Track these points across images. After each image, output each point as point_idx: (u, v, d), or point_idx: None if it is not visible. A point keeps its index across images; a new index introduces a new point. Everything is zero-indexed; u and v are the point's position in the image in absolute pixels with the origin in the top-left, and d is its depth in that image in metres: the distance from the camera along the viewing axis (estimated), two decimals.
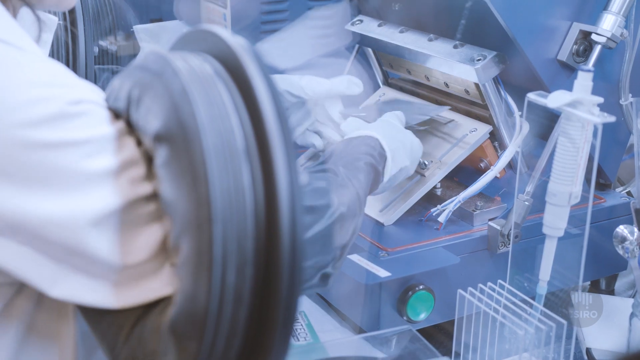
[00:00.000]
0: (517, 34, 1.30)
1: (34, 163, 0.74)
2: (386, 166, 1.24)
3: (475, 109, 1.45)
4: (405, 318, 1.28)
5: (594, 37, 1.32)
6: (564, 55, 1.34)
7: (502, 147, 1.42)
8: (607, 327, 1.32)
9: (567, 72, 1.36)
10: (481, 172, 1.42)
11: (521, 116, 1.39)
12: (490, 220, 1.38)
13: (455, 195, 1.39)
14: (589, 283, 1.53)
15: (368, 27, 1.56)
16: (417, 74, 1.55)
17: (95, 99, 0.80)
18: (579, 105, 1.03)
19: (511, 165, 1.44)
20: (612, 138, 1.44)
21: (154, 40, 1.64)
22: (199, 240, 0.73)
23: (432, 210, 1.39)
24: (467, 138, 1.42)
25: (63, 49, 1.43)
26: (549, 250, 1.13)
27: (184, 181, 0.74)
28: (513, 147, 1.39)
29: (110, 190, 0.76)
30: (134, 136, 0.80)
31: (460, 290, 1.18)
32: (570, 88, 1.05)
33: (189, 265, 0.74)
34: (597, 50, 1.33)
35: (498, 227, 1.33)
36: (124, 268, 0.77)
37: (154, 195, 0.78)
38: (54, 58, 1.37)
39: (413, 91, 1.58)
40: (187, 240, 0.74)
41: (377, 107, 1.52)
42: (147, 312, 0.79)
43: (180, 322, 0.75)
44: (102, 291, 0.78)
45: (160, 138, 0.76)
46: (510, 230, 1.30)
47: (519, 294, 1.15)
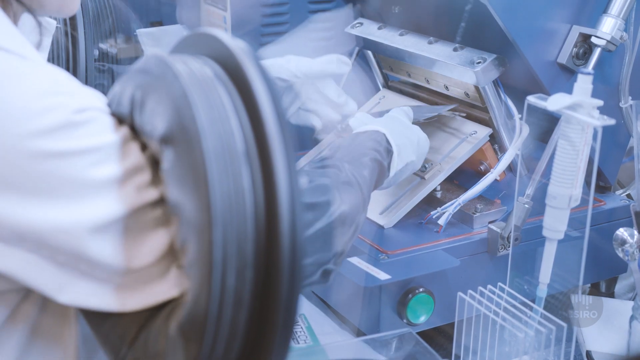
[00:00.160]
0: (517, 37, 1.30)
1: (40, 173, 0.74)
2: (392, 161, 1.24)
3: (475, 112, 1.45)
4: (405, 321, 1.28)
5: (593, 40, 1.33)
6: (563, 58, 1.34)
7: (502, 149, 1.42)
8: (607, 329, 1.32)
9: (566, 74, 1.36)
10: (481, 174, 1.42)
11: (521, 119, 1.39)
12: (490, 222, 1.38)
13: (455, 197, 1.39)
14: (589, 286, 1.53)
15: (368, 29, 1.56)
16: (417, 77, 1.55)
17: (99, 106, 0.80)
18: (579, 108, 1.03)
19: (511, 168, 1.44)
20: (612, 141, 1.44)
21: (156, 44, 1.64)
22: (200, 243, 0.73)
23: (432, 212, 1.39)
24: (467, 141, 1.42)
25: (63, 52, 1.43)
26: (549, 252, 1.13)
27: (186, 184, 0.74)
28: (513, 150, 1.39)
29: (114, 198, 0.76)
30: (139, 141, 0.80)
31: (460, 293, 1.18)
32: (570, 91, 1.05)
33: (193, 268, 0.74)
34: (597, 53, 1.33)
35: (498, 230, 1.33)
36: (130, 272, 0.77)
37: (160, 200, 0.78)
38: (54, 61, 1.38)
39: (413, 94, 1.58)
40: (191, 242, 0.74)
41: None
42: (154, 315, 0.79)
43: (186, 324, 0.75)
44: (109, 295, 0.78)
45: (164, 141, 0.76)
46: (510, 232, 1.30)
47: (519, 296, 1.15)
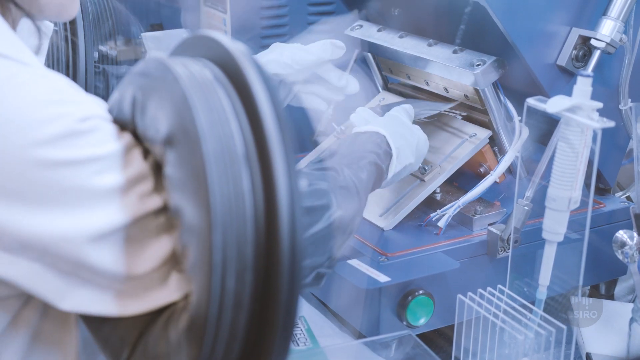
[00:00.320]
0: (517, 39, 1.30)
1: (44, 182, 0.74)
2: (391, 164, 1.24)
3: (475, 114, 1.45)
4: (405, 323, 1.28)
5: (593, 42, 1.33)
6: (563, 61, 1.34)
7: (502, 152, 1.42)
8: (606, 332, 1.32)
9: (566, 77, 1.36)
10: (481, 177, 1.42)
11: (520, 121, 1.39)
12: (489, 225, 1.38)
13: (454, 200, 1.39)
14: (588, 288, 1.53)
15: (367, 32, 1.56)
16: (417, 79, 1.55)
17: (102, 114, 0.80)
18: (578, 111, 1.03)
19: (511, 170, 1.44)
20: (612, 143, 1.44)
21: (161, 48, 1.64)
22: (200, 246, 0.73)
23: (431, 215, 1.39)
24: (466, 143, 1.42)
25: (63, 54, 1.43)
26: (549, 255, 1.13)
27: (187, 186, 0.75)
28: (512, 152, 1.39)
29: (117, 207, 0.76)
30: (142, 147, 0.80)
31: (459, 295, 1.18)
32: (569, 93, 1.05)
33: (193, 271, 0.74)
34: (597, 55, 1.33)
35: (498, 232, 1.33)
36: (132, 279, 0.78)
37: (164, 208, 0.78)
38: (54, 63, 1.38)
39: (413, 96, 1.58)
40: (191, 245, 0.74)
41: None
42: (154, 319, 0.79)
43: (187, 327, 0.75)
44: (110, 301, 0.78)
45: (166, 145, 0.76)
46: (510, 235, 1.30)
47: (518, 298, 1.15)
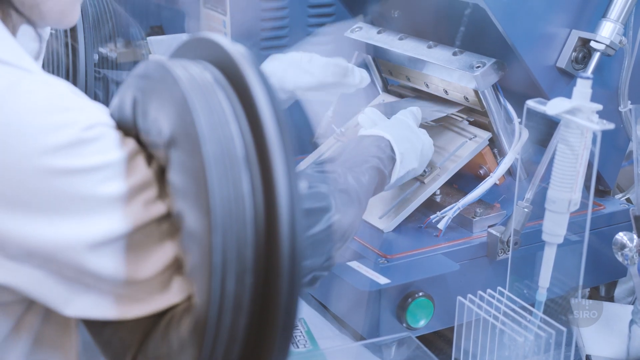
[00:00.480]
0: (516, 41, 1.30)
1: (49, 190, 0.74)
2: (394, 168, 1.24)
3: (475, 116, 1.45)
4: (404, 325, 1.28)
5: (592, 44, 1.33)
6: (563, 63, 1.34)
7: (502, 153, 1.42)
8: (606, 334, 1.32)
9: (566, 79, 1.36)
10: (481, 178, 1.42)
11: (520, 123, 1.39)
12: (489, 227, 1.38)
13: (454, 202, 1.39)
14: (588, 290, 1.53)
15: (367, 34, 1.56)
16: (417, 81, 1.55)
17: (106, 121, 0.80)
18: (578, 113, 1.03)
19: (510, 172, 1.44)
20: (611, 145, 1.44)
21: (165, 52, 1.64)
22: (200, 248, 0.73)
23: (431, 217, 1.39)
24: (466, 145, 1.42)
25: (63, 56, 1.43)
26: (549, 257, 1.13)
27: (187, 189, 0.75)
28: (512, 154, 1.39)
29: (121, 214, 0.76)
30: (145, 153, 0.80)
31: (459, 297, 1.18)
32: (569, 95, 1.05)
33: (193, 273, 0.74)
34: (596, 57, 1.33)
35: (497, 234, 1.33)
36: (134, 284, 0.78)
37: (167, 214, 0.79)
38: (54, 66, 1.38)
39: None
40: (191, 248, 0.74)
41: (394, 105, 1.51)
42: (155, 321, 0.79)
43: (188, 329, 0.75)
44: (114, 306, 0.78)
45: (168, 148, 0.76)
46: (510, 237, 1.30)
47: (518, 300, 1.15)
